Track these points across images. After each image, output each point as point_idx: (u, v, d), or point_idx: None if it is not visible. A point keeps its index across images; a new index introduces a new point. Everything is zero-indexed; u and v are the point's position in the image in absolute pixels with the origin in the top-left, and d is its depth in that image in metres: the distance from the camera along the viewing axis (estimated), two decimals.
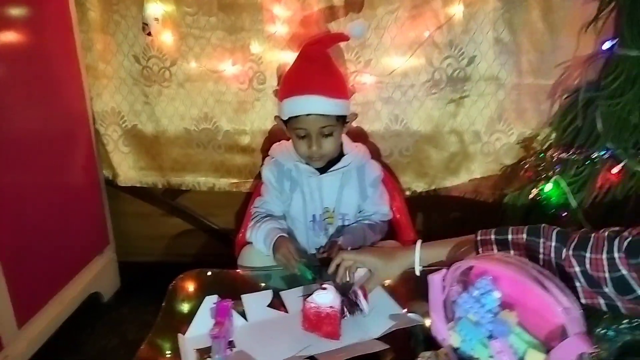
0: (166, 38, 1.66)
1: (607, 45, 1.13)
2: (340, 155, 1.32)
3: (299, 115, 1.22)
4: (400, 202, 1.44)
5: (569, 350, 0.72)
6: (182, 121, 1.74)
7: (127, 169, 1.82)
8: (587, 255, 0.74)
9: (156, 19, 1.64)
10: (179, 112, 1.73)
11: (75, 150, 1.66)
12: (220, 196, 1.83)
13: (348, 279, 1.00)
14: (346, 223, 1.32)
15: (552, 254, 0.79)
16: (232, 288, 1.05)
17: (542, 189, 1.15)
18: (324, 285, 0.92)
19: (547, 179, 1.15)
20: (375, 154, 1.66)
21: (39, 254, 1.46)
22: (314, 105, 1.20)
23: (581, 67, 1.19)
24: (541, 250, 0.81)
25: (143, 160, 1.81)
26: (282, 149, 1.35)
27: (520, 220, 1.21)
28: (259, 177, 1.65)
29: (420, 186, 1.72)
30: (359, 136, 1.64)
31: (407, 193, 1.72)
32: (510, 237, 0.85)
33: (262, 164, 1.45)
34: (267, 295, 1.01)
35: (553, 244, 0.79)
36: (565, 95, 1.29)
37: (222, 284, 1.08)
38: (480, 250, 0.88)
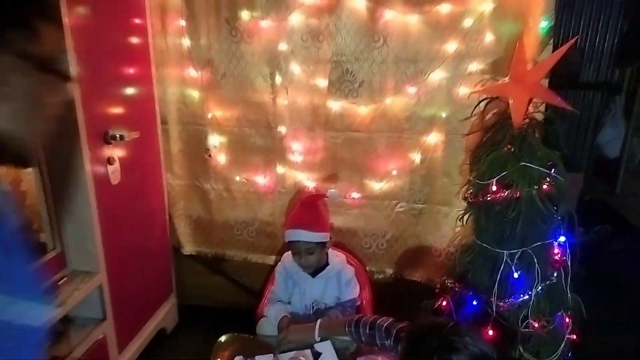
0: (221, 159, 2.45)
1: None
2: (327, 263, 2.03)
3: (292, 240, 1.95)
4: (367, 293, 2.15)
5: None
6: (228, 215, 2.52)
7: (188, 242, 2.63)
8: None
9: (215, 146, 2.44)
10: (226, 209, 2.51)
11: (155, 226, 2.45)
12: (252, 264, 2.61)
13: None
14: (328, 307, 2.02)
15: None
16: (252, 348, 1.79)
17: (441, 303, 1.84)
18: (300, 357, 1.65)
19: (445, 297, 1.84)
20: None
21: (131, 300, 2.25)
22: (303, 235, 1.91)
23: None
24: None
25: (199, 237, 2.61)
26: (289, 259, 2.04)
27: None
28: (277, 254, 2.42)
29: (389, 272, 2.43)
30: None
31: (381, 276, 2.43)
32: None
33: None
34: (270, 357, 1.74)
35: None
36: None
37: (245, 344, 1.83)
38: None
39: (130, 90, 2.09)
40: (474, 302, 1.66)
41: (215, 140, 2.42)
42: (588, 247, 1.63)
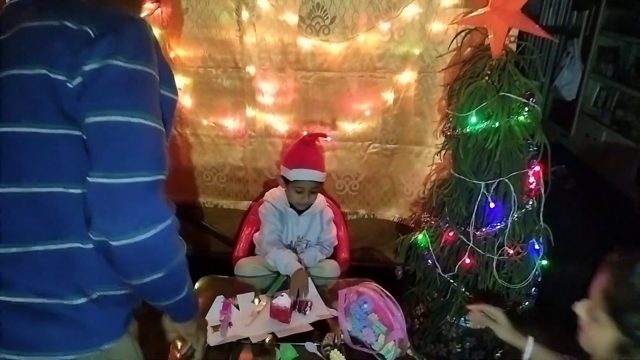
0: (186, 102, 2.33)
1: None
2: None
3: (302, 179, 1.92)
4: (343, 232, 2.17)
5: (396, 334, 1.48)
6: (197, 161, 2.44)
7: None
8: None
9: (179, 89, 2.31)
10: (195, 155, 2.43)
11: None
12: (223, 211, 2.56)
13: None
14: (310, 245, 2.04)
15: None
16: (231, 288, 1.78)
17: (417, 237, 1.88)
18: (282, 293, 1.65)
19: (420, 231, 1.88)
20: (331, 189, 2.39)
21: None
22: (313, 175, 1.93)
23: None
24: None
25: (167, 185, 2.51)
26: (274, 196, 2.05)
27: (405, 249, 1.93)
28: (250, 199, 2.39)
29: (362, 212, 2.46)
30: None
31: (354, 217, 2.45)
32: None
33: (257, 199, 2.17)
34: (251, 295, 1.74)
35: None
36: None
37: (225, 285, 1.82)
38: None
39: None
40: (451, 234, 1.70)
41: (179, 81, 2.29)
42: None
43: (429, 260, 1.76)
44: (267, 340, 1.52)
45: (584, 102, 4.08)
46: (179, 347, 1.25)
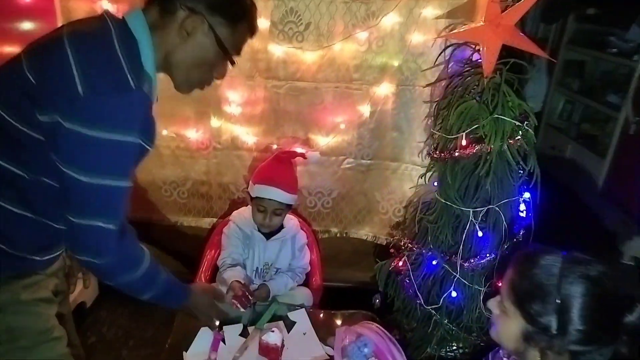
0: None
1: None
2: (281, 226, 1.84)
3: (264, 197, 1.75)
4: (316, 256, 2.00)
5: None
6: (155, 174, 2.21)
7: None
8: None
9: None
10: (153, 167, 2.20)
11: None
12: (184, 229, 2.35)
13: None
14: (280, 272, 1.85)
15: None
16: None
17: (397, 264, 1.75)
18: (273, 328, 1.47)
19: (400, 257, 1.75)
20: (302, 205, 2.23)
21: None
22: (277, 195, 1.73)
23: None
24: None
25: None
26: (242, 217, 1.84)
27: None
28: (214, 216, 2.19)
29: (335, 231, 2.31)
30: None
31: (326, 235, 2.31)
32: None
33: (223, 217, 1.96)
34: (239, 327, 1.51)
35: None
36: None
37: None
38: None
39: (27, 26, 1.72)
40: (434, 262, 1.59)
41: None
42: None
43: (410, 290, 1.64)
44: None
45: (549, 115, 4.10)
46: None
